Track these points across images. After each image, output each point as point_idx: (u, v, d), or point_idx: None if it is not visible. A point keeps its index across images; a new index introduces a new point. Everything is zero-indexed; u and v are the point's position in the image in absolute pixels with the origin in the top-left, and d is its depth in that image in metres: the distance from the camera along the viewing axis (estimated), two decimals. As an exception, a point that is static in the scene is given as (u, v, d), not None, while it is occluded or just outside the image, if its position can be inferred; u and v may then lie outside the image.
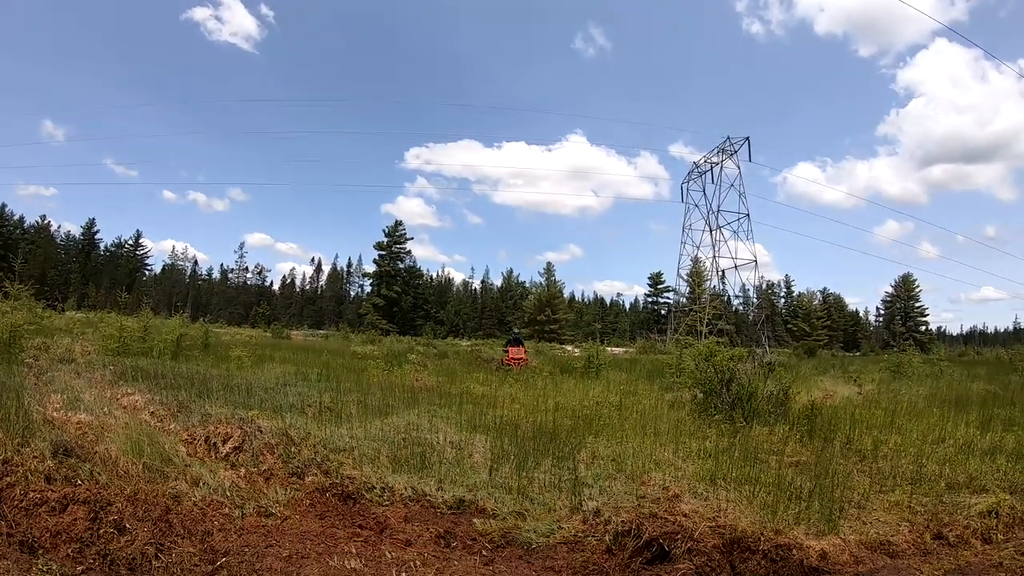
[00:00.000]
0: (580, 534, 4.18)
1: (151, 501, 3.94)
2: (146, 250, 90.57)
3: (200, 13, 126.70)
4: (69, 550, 3.31)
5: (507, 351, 19.75)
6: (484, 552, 4.04)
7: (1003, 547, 3.98)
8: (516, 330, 25.86)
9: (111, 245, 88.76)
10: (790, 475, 5.23)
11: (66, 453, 4.32)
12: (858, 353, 62.99)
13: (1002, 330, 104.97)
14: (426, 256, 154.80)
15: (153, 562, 3.34)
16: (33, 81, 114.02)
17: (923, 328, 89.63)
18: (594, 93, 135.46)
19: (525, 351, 20.32)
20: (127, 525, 3.52)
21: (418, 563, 3.72)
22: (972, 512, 4.47)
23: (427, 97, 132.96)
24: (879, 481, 5.44)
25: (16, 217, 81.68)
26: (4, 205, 79.75)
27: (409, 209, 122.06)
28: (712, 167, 61.39)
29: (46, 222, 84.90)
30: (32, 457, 4.09)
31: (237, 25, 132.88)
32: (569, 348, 42.32)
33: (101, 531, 3.43)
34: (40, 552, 3.25)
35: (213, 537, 3.76)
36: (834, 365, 25.63)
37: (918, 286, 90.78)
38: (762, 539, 3.88)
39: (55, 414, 5.73)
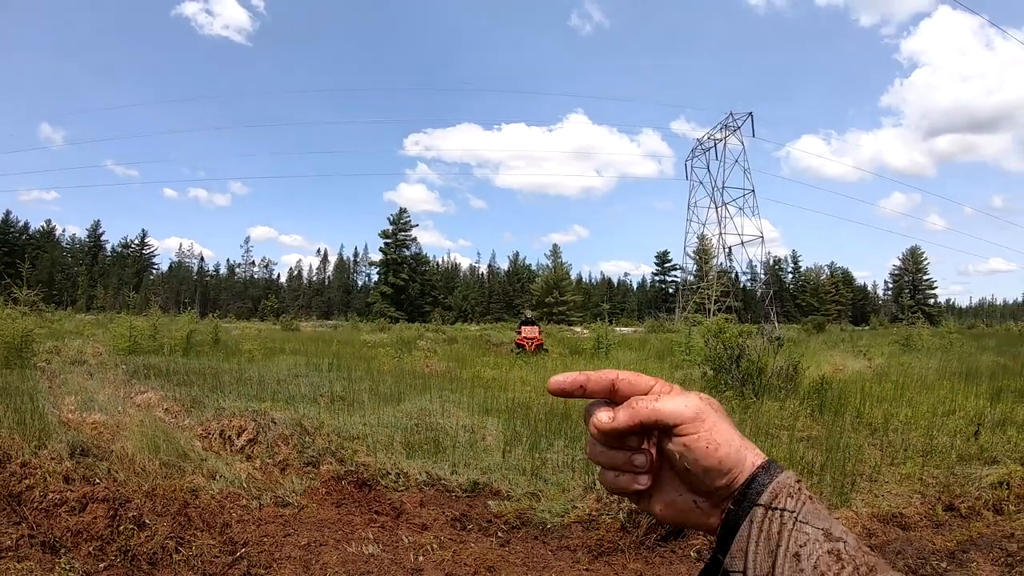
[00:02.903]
0: (594, 513, 4.21)
1: (169, 496, 4.00)
2: (152, 249, 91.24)
3: (190, 7, 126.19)
4: (90, 548, 3.36)
5: (520, 332, 19.78)
6: (500, 533, 4.08)
7: (1014, 518, 4.00)
8: (527, 312, 25.76)
9: (117, 246, 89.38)
10: (801, 449, 5.25)
11: (83, 453, 4.38)
12: (867, 327, 62.52)
13: (1011, 302, 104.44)
14: (431, 242, 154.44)
15: (174, 555, 3.39)
16: (27, 85, 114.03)
17: (932, 301, 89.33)
18: (593, 71, 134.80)
19: (540, 331, 20.31)
20: (147, 521, 3.57)
21: (435, 546, 3.76)
22: (983, 484, 4.48)
23: (423, 82, 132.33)
24: (890, 454, 5.44)
25: (21, 223, 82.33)
26: (9, 212, 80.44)
27: (411, 196, 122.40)
28: (716, 143, 60.94)
29: (51, 226, 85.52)
30: (50, 459, 4.15)
31: (228, 18, 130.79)
32: (578, 329, 42.17)
33: (121, 528, 3.48)
34: (62, 551, 3.30)
35: (232, 529, 3.81)
36: (843, 339, 25.55)
37: (926, 259, 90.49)
38: (775, 514, 3.89)
39: (70, 415, 5.80)
